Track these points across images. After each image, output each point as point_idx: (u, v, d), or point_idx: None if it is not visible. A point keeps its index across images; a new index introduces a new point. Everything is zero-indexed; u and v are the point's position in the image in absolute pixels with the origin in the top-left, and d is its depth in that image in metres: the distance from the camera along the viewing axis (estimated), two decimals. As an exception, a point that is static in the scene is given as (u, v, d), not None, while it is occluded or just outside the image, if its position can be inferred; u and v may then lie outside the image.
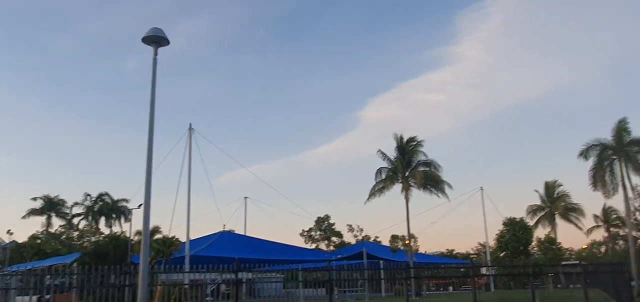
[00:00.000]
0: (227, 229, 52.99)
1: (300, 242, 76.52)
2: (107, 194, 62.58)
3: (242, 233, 55.64)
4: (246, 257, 27.27)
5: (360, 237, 78.80)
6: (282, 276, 29.36)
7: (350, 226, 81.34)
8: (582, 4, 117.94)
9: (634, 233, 49.49)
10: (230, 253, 27.99)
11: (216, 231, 47.08)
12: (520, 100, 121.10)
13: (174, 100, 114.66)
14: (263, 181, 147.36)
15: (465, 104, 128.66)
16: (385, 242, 74.24)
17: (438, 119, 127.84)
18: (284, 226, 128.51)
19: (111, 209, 62.29)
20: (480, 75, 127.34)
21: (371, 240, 74.44)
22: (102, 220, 62.87)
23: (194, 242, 36.67)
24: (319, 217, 79.93)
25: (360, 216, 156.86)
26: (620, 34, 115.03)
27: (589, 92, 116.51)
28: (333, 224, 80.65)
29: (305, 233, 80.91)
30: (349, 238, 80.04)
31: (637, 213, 59.31)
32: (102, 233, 61.32)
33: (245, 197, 60.43)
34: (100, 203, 62.30)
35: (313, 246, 77.78)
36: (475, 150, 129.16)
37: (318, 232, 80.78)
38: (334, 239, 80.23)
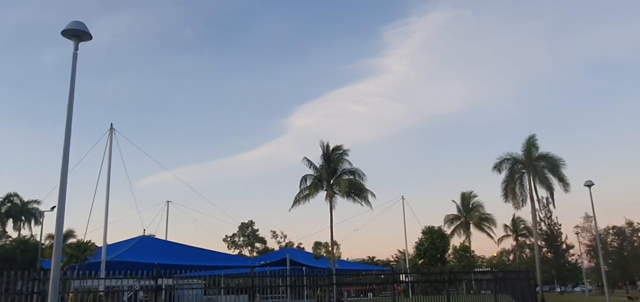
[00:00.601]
0: (147, 233, 51.19)
1: (223, 248, 75.46)
2: (16, 194, 58.51)
3: (164, 238, 53.98)
4: (167, 263, 26.50)
5: (284, 244, 78.82)
6: (203, 282, 28.77)
7: (274, 232, 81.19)
8: (498, 27, 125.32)
9: (539, 242, 52.97)
10: (150, 259, 27.14)
11: (136, 236, 45.34)
12: (441, 114, 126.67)
13: (95, 99, 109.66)
14: (187, 184, 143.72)
15: (389, 115, 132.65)
16: (309, 249, 74.81)
17: (363, 129, 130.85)
18: (207, 231, 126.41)
19: (20, 211, 58.27)
20: (403, 88, 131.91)
21: (295, 246, 74.62)
22: (10, 223, 58.70)
23: (111, 247, 35.08)
24: (243, 223, 79.11)
25: (285, 223, 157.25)
26: (531, 57, 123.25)
27: (503, 109, 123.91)
28: (257, 230, 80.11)
29: (229, 239, 79.82)
30: (272, 244, 79.88)
31: (543, 223, 63.80)
32: (10, 237, 57.23)
33: (168, 202, 58.73)
34: (8, 204, 58.12)
35: (236, 252, 76.87)
36: (398, 160, 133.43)
37: (242, 238, 79.88)
38: (257, 245, 79.69)
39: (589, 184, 37.91)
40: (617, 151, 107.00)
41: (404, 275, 34.31)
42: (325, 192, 41.74)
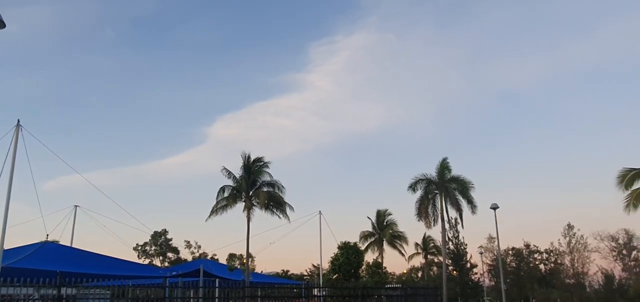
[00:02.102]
0: (51, 239, 47.88)
1: (133, 257, 72.27)
2: None
3: (69, 244, 50.74)
4: (71, 271, 24.94)
5: (197, 255, 76.85)
6: (110, 292, 27.37)
7: (188, 242, 78.98)
8: (419, 53, 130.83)
9: (446, 261, 55.37)
10: (53, 266, 25.36)
11: (38, 241, 42.23)
12: (362, 132, 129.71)
13: (3, 93, 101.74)
14: (97, 188, 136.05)
15: (311, 130, 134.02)
16: (224, 260, 73.51)
17: (285, 142, 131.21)
18: (117, 238, 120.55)
19: None
20: (326, 104, 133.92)
21: (209, 258, 73.00)
22: None
23: (8, 253, 32.38)
24: (156, 232, 76.23)
25: (200, 233, 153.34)
26: (448, 83, 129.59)
27: (420, 131, 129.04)
28: (170, 240, 77.53)
29: (140, 247, 76.56)
30: (186, 255, 77.68)
31: (451, 243, 66.84)
32: None
33: (76, 206, 55.39)
34: None
35: (147, 262, 73.90)
36: (318, 175, 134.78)
37: (154, 248, 76.91)
38: (170, 255, 77.10)
39: (494, 207, 40.44)
40: (520, 176, 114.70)
41: (317, 289, 34.57)
42: (244, 203, 41.28)
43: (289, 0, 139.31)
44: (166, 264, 72.99)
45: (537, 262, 72.75)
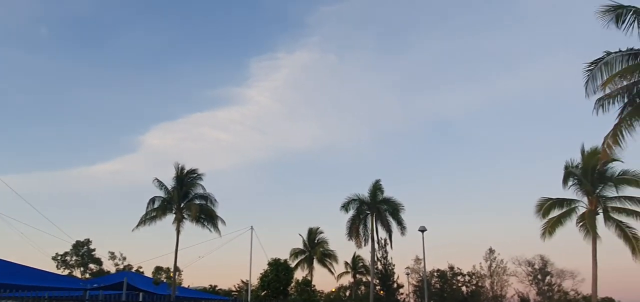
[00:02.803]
0: (-43, 245, 44.52)
1: (52, 267, 68.31)
2: None
3: (-23, 251, 47.33)
4: (-19, 281, 23.32)
5: (122, 267, 73.80)
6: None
7: (113, 253, 75.70)
8: (359, 75, 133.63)
9: (374, 280, 56.38)
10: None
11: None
12: (298, 150, 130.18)
13: None
14: (16, 192, 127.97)
15: (248, 145, 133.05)
16: (150, 273, 71.09)
17: (221, 156, 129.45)
18: (35, 247, 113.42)
19: None
20: (265, 120, 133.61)
21: (134, 270, 70.26)
22: None
23: None
24: (78, 241, 72.50)
25: (126, 245, 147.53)
26: (384, 107, 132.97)
27: (355, 152, 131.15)
28: (94, 250, 73.97)
29: (59, 257, 72.47)
30: (109, 266, 74.32)
31: (379, 263, 68.12)
32: None
33: (-12, 211, 51.81)
34: None
35: (66, 272, 70.05)
36: (252, 190, 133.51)
37: (74, 258, 73.06)
38: (92, 266, 73.50)
39: (422, 230, 41.72)
40: (448, 201, 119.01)
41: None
42: (174, 215, 40.31)
43: (233, 13, 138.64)
44: (87, 275, 69.57)
45: (459, 284, 75.44)
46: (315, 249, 63.39)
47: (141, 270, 72.66)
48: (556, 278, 70.71)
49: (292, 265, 62.87)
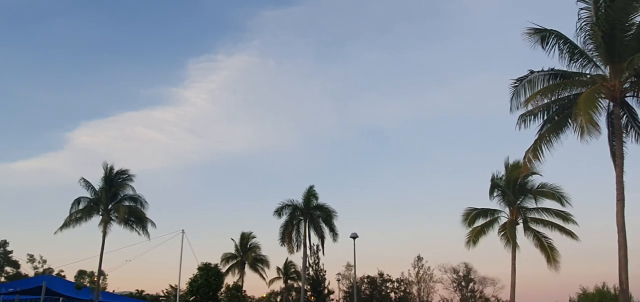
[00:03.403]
0: None
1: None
2: None
3: None
4: None
5: (41, 270, 69.90)
6: None
7: (32, 256, 71.52)
8: (297, 82, 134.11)
9: (305, 286, 56.69)
10: None
11: None
12: (234, 154, 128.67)
13: None
14: None
15: (183, 147, 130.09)
16: (73, 277, 67.83)
17: (154, 157, 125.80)
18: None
19: None
20: (201, 122, 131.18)
21: (55, 274, 66.75)
22: None
23: None
24: (-8, 242, 67.98)
25: (48, 247, 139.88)
26: (321, 114, 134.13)
27: (292, 157, 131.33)
28: (11, 252, 69.48)
29: (-30, 259, 67.56)
30: (27, 270, 70.08)
31: (311, 269, 68.59)
32: None
33: None
34: None
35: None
36: (186, 193, 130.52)
37: (-13, 260, 68.37)
38: (8, 269, 68.98)
39: (354, 237, 42.34)
40: (380, 208, 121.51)
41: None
42: (101, 217, 38.77)
43: (172, 12, 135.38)
44: (2, 279, 65.30)
45: (389, 291, 77.25)
46: (247, 254, 62.90)
47: (63, 274, 69.21)
48: (479, 285, 74.02)
49: (223, 270, 62.22)
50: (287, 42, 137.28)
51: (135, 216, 39.47)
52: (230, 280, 63.58)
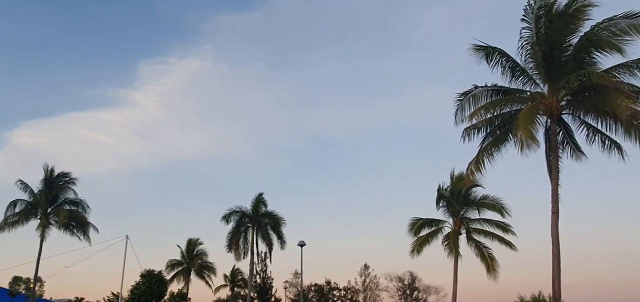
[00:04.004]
0: None
1: None
2: None
3: None
4: None
5: (-29, 276, 66.33)
6: None
7: (-41, 261, 67.84)
8: (250, 87, 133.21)
9: (252, 294, 56.24)
10: None
11: None
12: (184, 159, 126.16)
13: None
14: None
15: (131, 150, 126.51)
16: (7, 284, 64.56)
17: (100, 159, 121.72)
18: None
19: None
20: (150, 125, 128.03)
21: (-14, 280, 63.38)
22: None
23: None
24: None
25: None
26: (274, 121, 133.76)
27: (243, 163, 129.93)
28: None
29: None
30: (-46, 276, 66.33)
31: (258, 277, 68.10)
32: None
33: None
34: None
35: None
36: (133, 197, 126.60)
37: None
38: None
39: (301, 244, 42.46)
40: (330, 216, 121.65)
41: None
42: (39, 220, 37.17)
43: (123, 12, 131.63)
44: None
45: (335, 299, 77.61)
46: (193, 261, 61.77)
47: (-5, 280, 65.80)
48: (423, 293, 75.50)
49: (168, 277, 60.84)
50: (241, 47, 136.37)
51: (76, 221, 38.10)
52: (175, 287, 62.28)
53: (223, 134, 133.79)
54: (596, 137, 21.72)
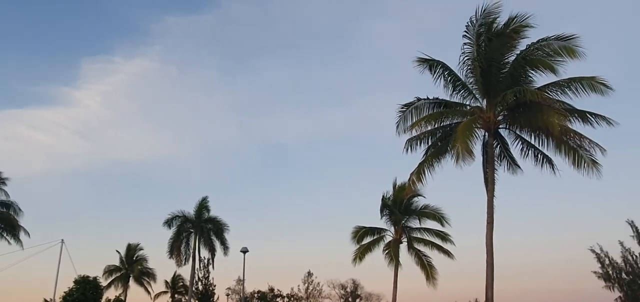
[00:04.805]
0: None
1: None
2: None
3: None
4: None
5: None
6: None
7: None
8: (199, 92, 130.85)
9: (194, 301, 55.16)
10: None
11: None
12: (127, 161, 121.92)
13: None
14: None
15: (71, 150, 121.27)
16: None
17: (37, 159, 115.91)
18: None
19: None
20: (93, 126, 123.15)
21: None
22: None
23: None
24: None
25: None
26: (222, 126, 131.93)
27: (190, 168, 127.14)
28: None
29: None
30: None
31: (200, 283, 66.86)
32: None
33: None
34: None
35: None
36: (73, 200, 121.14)
37: None
38: None
39: (244, 251, 42.14)
40: (276, 223, 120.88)
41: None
42: (-36, 222, 35.16)
43: (68, 6, 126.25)
44: None
45: (278, 306, 77.32)
46: (133, 266, 59.91)
47: None
48: (365, 301, 76.35)
49: (105, 283, 58.77)
50: (191, 50, 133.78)
51: (6, 223, 36.26)
52: (112, 294, 60.20)
53: (170, 138, 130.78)
54: (530, 152, 22.72)
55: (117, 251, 61.00)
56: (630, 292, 38.29)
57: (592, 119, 20.58)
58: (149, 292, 63.83)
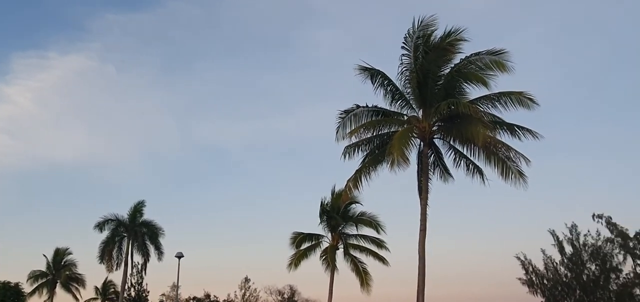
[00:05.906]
0: None
1: None
2: None
3: None
4: None
5: None
6: None
7: None
8: (138, 91, 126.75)
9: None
10: None
11: None
12: (60, 162, 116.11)
13: None
14: None
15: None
16: None
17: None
18: None
19: None
20: (23, 124, 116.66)
21: None
22: None
23: None
24: None
25: None
26: (162, 129, 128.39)
27: (126, 170, 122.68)
28: None
29: None
30: None
31: (133, 289, 64.75)
32: None
33: None
34: None
35: None
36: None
37: None
38: None
39: (179, 256, 41.23)
40: (212, 228, 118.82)
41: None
42: None
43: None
44: None
45: (214, 312, 76.03)
46: (60, 272, 57.21)
47: None
48: (301, 307, 76.46)
49: (30, 289, 55.96)
50: (130, 49, 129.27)
51: None
52: (36, 301, 57.29)
53: (105, 139, 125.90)
54: (462, 162, 23.54)
55: (44, 255, 58.18)
56: (551, 298, 40.53)
57: (520, 132, 21.60)
58: (77, 299, 61.12)
